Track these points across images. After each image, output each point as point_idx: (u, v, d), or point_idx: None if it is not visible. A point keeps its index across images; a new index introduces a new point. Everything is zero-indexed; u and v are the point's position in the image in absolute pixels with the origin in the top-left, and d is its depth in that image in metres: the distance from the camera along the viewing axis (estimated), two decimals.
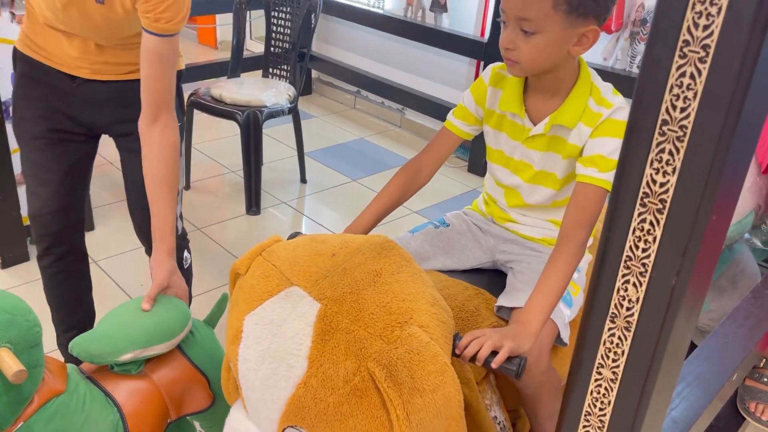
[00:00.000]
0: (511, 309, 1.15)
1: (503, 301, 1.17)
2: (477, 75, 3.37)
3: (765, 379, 1.71)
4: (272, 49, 2.99)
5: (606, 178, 1.09)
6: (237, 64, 2.97)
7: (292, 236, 1.16)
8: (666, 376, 0.69)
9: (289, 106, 2.71)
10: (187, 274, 1.67)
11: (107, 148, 1.72)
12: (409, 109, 3.79)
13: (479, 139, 1.30)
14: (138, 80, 1.35)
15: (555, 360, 1.19)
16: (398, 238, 1.34)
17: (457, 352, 0.96)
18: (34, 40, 1.45)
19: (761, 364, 1.75)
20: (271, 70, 2.99)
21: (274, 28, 2.97)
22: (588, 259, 1.31)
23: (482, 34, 3.33)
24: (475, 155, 3.30)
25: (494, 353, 0.96)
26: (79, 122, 1.50)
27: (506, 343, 0.96)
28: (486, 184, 1.36)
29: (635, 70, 2.78)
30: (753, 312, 1.17)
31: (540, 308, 1.03)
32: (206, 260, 2.41)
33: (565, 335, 1.16)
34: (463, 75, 3.45)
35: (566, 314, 1.17)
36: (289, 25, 2.92)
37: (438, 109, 3.47)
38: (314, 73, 4.29)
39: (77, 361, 1.18)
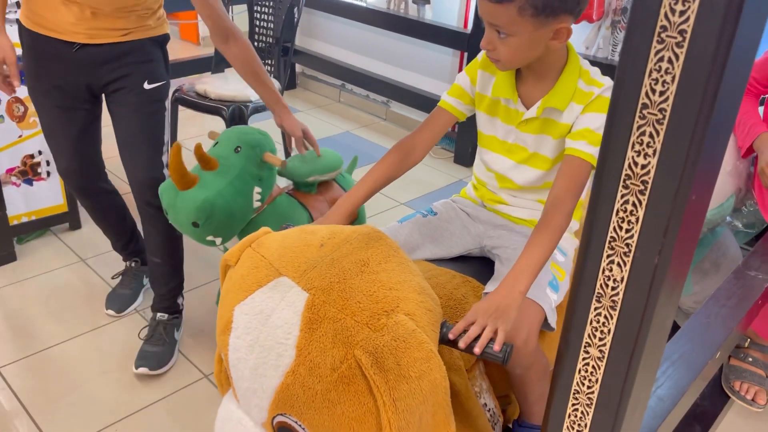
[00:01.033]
0: None
1: (490, 287, 1.19)
2: (461, 66, 3.38)
3: (749, 359, 1.74)
4: (256, 44, 2.98)
5: (593, 153, 1.13)
6: (221, 60, 2.96)
7: (282, 229, 1.17)
8: (652, 352, 0.71)
9: None
10: (178, 237, 1.87)
11: None
12: (394, 102, 3.79)
13: (464, 130, 1.32)
14: (130, 41, 1.64)
15: (542, 345, 1.20)
16: (387, 228, 1.35)
17: (451, 336, 0.96)
18: (34, 11, 1.61)
19: (745, 344, 1.79)
20: None
21: (257, 23, 2.96)
22: (575, 244, 1.33)
23: (465, 26, 3.34)
24: (460, 146, 3.31)
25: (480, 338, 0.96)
26: (82, 86, 1.69)
27: (500, 326, 0.97)
28: (476, 171, 1.38)
29: (617, 59, 2.80)
30: (735, 292, 1.20)
31: (527, 269, 1.05)
32: (197, 254, 2.41)
33: (552, 320, 1.17)
34: (446, 66, 3.46)
35: (553, 299, 1.19)
36: (272, 19, 2.91)
37: (423, 101, 3.48)
38: (298, 67, 4.28)
39: (144, 258, 2.07)
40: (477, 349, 0.95)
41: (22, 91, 2.15)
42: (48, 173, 2.35)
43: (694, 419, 1.57)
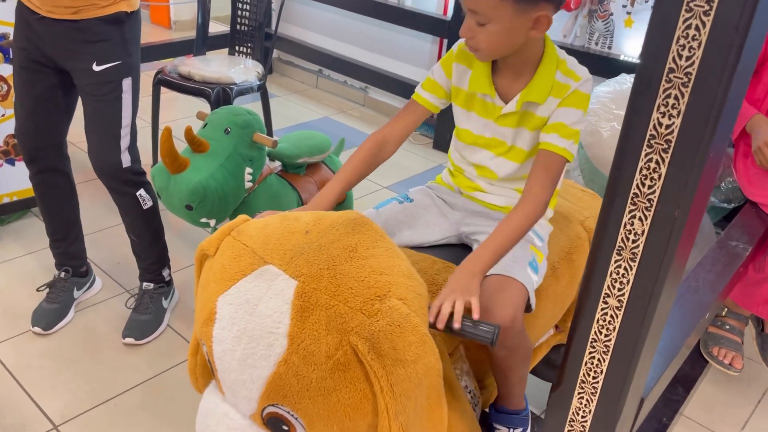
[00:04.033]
0: None
1: None
2: (440, 53, 3.42)
3: (726, 326, 1.86)
4: (238, 26, 2.98)
5: (566, 146, 1.13)
6: (202, 43, 2.94)
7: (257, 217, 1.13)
8: (665, 302, 0.77)
9: (258, 83, 2.71)
10: (149, 215, 1.84)
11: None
12: (373, 88, 3.81)
13: (444, 116, 1.32)
14: (81, 20, 1.61)
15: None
16: (364, 215, 1.34)
17: (430, 320, 0.97)
18: None
19: (723, 313, 1.91)
20: (238, 48, 2.98)
21: (240, 6, 2.95)
22: (549, 229, 1.35)
23: (445, 12, 3.37)
24: (440, 132, 3.36)
25: (468, 319, 0.98)
26: (45, 54, 1.68)
27: (470, 299, 0.98)
28: (452, 157, 1.36)
29: (593, 47, 2.89)
30: (719, 260, 1.29)
31: (489, 247, 1.06)
32: (181, 237, 2.41)
33: (533, 301, 1.18)
34: (426, 53, 3.50)
35: (534, 280, 1.19)
36: (256, 2, 2.91)
37: (402, 87, 3.51)
38: (275, 53, 4.26)
39: (78, 267, 2.00)
40: (456, 324, 0.96)
41: (5, 69, 2.12)
42: None
43: (677, 382, 1.67)
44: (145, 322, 1.89)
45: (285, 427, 0.90)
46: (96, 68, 1.65)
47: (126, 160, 1.74)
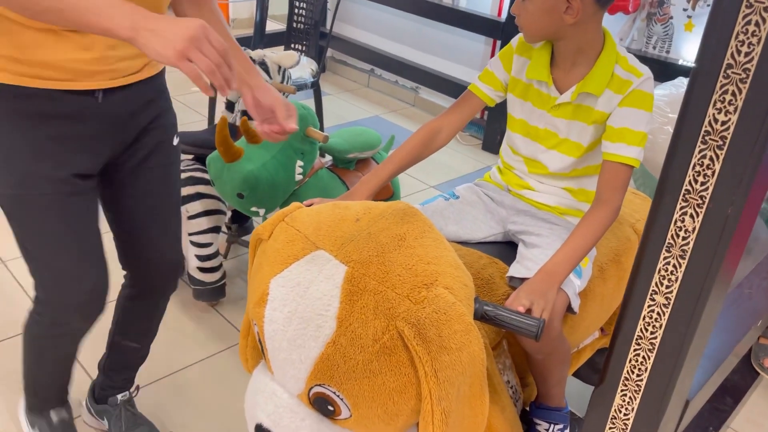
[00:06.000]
0: (521, 279, 1.16)
1: (514, 271, 1.20)
2: (493, 54, 3.42)
3: None
4: (294, 24, 3.04)
5: (634, 155, 1.13)
6: (260, 40, 3.03)
7: (309, 205, 1.16)
8: (714, 302, 0.76)
9: (312, 80, 2.77)
10: None
11: None
12: (424, 88, 3.83)
13: (493, 118, 1.33)
14: (151, 77, 1.22)
15: (564, 327, 1.21)
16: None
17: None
18: (21, 58, 1.05)
19: None
20: (293, 45, 3.05)
21: (296, 5, 3.02)
22: None
23: (499, 14, 3.37)
24: (489, 133, 3.35)
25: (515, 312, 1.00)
26: (103, 154, 1.21)
27: (543, 306, 1.03)
28: (503, 154, 1.37)
29: (651, 51, 2.84)
30: None
31: (567, 260, 1.09)
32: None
33: (575, 304, 1.19)
34: (479, 54, 3.49)
35: (576, 284, 1.20)
36: (313, 1, 2.97)
37: (453, 88, 3.51)
38: (328, 51, 4.33)
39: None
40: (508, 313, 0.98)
41: None
42: None
43: (725, 392, 1.63)
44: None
45: (330, 408, 0.93)
46: (176, 141, 1.33)
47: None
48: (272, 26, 4.18)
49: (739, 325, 1.02)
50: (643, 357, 0.81)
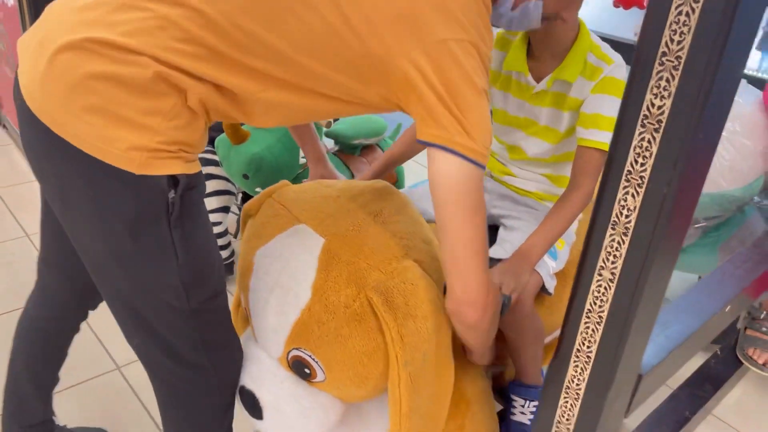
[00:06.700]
0: (499, 260, 1.19)
1: (493, 252, 1.23)
2: None
3: (763, 329, 1.82)
4: None
5: (607, 140, 1.15)
6: None
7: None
8: (657, 277, 0.81)
9: None
10: None
11: None
12: None
13: None
14: None
15: (542, 309, 1.27)
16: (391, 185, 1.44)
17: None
18: (198, 144, 0.96)
19: (761, 316, 1.87)
20: None
21: None
22: (578, 216, 1.39)
23: None
24: None
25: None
26: None
27: (514, 286, 1.09)
28: None
29: None
30: (751, 257, 1.28)
31: (540, 242, 1.13)
32: None
33: (550, 285, 1.23)
34: None
35: (551, 266, 1.24)
36: None
37: None
38: None
39: None
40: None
41: None
42: None
43: (706, 379, 1.66)
44: None
45: (307, 371, 1.00)
46: None
47: None
48: None
49: (705, 308, 1.06)
50: (592, 329, 0.85)
